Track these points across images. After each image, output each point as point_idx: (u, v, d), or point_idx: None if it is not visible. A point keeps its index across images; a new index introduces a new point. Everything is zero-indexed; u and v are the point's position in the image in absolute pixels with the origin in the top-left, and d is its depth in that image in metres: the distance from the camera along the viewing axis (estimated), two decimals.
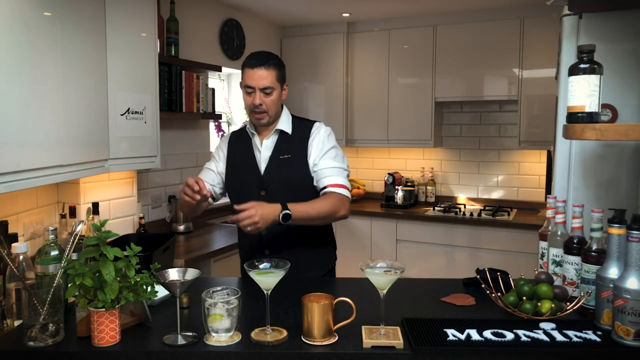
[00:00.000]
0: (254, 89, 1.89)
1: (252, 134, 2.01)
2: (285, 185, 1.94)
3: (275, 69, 1.91)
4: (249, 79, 1.89)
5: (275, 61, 1.93)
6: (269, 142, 1.98)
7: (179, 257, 2.73)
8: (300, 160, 1.96)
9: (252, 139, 2.01)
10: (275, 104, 1.93)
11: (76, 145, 2.13)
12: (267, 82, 1.88)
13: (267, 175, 1.96)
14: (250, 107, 1.92)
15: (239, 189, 2.01)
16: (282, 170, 1.95)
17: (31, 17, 1.83)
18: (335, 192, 1.90)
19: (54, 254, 1.46)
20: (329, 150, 1.96)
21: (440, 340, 1.31)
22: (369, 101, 4.45)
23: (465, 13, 4.04)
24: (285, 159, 1.96)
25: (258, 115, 1.92)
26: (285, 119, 2.01)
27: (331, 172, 1.93)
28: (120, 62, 2.43)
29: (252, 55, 1.93)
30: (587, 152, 1.98)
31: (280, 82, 1.94)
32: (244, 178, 1.99)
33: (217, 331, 1.33)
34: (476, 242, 3.86)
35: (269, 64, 1.89)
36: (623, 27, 1.91)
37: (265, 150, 1.98)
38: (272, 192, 1.93)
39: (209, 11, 3.79)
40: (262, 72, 1.87)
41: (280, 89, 1.95)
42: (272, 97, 1.91)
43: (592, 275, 1.47)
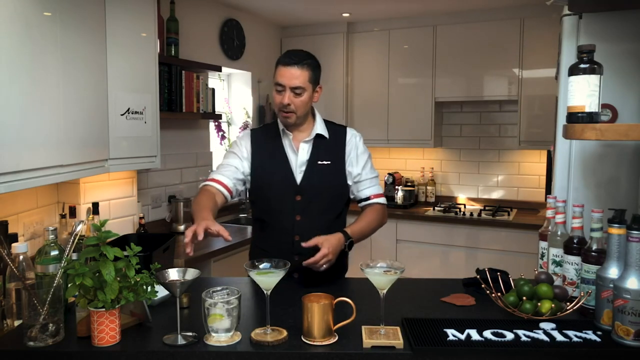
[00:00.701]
0: (284, 88, 1.83)
1: (285, 133, 1.94)
2: (322, 192, 1.91)
3: (309, 69, 1.85)
4: (280, 77, 1.83)
5: (311, 61, 1.87)
6: (307, 145, 1.93)
7: (179, 257, 2.73)
8: (338, 168, 1.93)
9: (283, 138, 1.95)
10: (305, 105, 1.88)
11: (76, 145, 2.12)
12: (299, 82, 1.82)
13: (305, 181, 1.90)
14: (278, 105, 1.86)
15: (271, 191, 1.93)
16: (320, 175, 1.91)
17: (31, 17, 1.83)
18: (379, 202, 1.99)
19: (54, 254, 1.46)
20: (367, 160, 1.99)
21: (440, 340, 1.31)
22: (369, 101, 4.45)
23: (465, 13, 4.04)
24: (323, 165, 1.92)
25: (285, 114, 1.86)
26: (320, 123, 1.97)
27: (372, 182, 1.99)
28: (120, 62, 2.43)
29: (287, 53, 1.87)
30: (587, 152, 1.98)
31: (313, 83, 1.88)
32: (278, 181, 1.92)
33: (217, 331, 1.33)
34: (476, 242, 3.86)
35: (303, 63, 1.83)
36: (623, 27, 1.91)
37: (303, 153, 1.92)
38: (308, 197, 1.90)
39: (209, 11, 3.79)
40: (294, 71, 1.82)
41: (312, 90, 1.89)
42: (302, 98, 1.85)
43: (592, 275, 1.47)
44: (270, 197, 1.93)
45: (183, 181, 3.59)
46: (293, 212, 1.90)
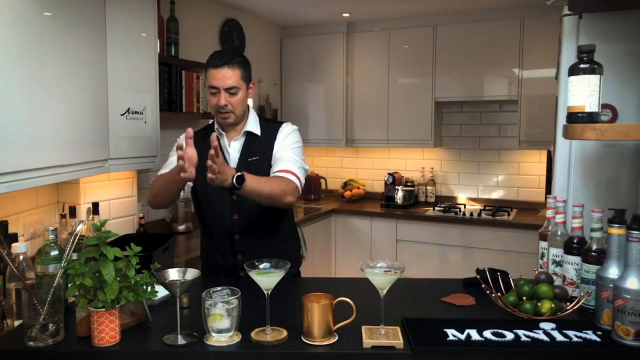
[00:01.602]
0: (218, 89, 1.84)
1: (220, 134, 1.95)
2: None
3: (239, 67, 1.86)
4: (212, 79, 1.84)
5: (240, 59, 1.88)
6: (237, 143, 1.95)
7: (179, 257, 2.73)
8: (268, 162, 1.93)
9: (220, 139, 1.95)
10: (241, 103, 1.89)
11: (76, 145, 2.12)
12: (232, 82, 1.83)
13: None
14: (215, 107, 1.87)
15: (211, 191, 1.90)
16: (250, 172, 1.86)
17: (31, 17, 1.83)
18: (284, 176, 1.84)
19: (54, 254, 1.46)
20: (290, 144, 1.94)
21: (440, 340, 1.31)
22: (369, 101, 4.45)
23: (465, 13, 4.04)
24: (253, 161, 1.93)
25: (223, 115, 1.88)
26: (253, 120, 1.97)
27: (286, 159, 1.89)
28: (120, 62, 2.43)
29: (215, 55, 1.88)
30: (587, 152, 1.98)
31: (246, 81, 1.89)
32: None
33: (217, 331, 1.33)
34: (476, 242, 3.86)
35: (233, 63, 1.84)
36: (623, 27, 1.91)
37: (234, 151, 1.94)
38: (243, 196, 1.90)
39: (209, 11, 3.79)
40: (225, 71, 1.82)
41: (246, 88, 1.91)
42: (237, 97, 1.86)
43: (592, 275, 1.47)
44: (208, 198, 1.95)
45: None
46: (230, 212, 1.92)
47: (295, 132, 1.99)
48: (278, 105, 4.64)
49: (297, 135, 2.00)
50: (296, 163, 1.90)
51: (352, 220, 4.26)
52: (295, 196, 1.86)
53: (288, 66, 4.68)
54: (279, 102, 4.66)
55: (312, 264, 3.94)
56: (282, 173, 1.85)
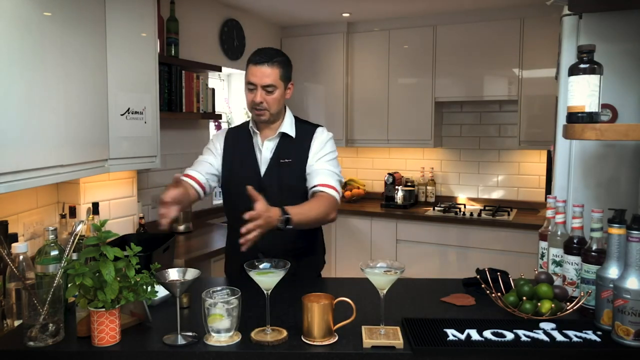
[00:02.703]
0: (255, 86, 1.85)
1: (254, 132, 1.97)
2: (283, 190, 1.92)
3: (279, 67, 1.86)
4: (251, 76, 1.85)
5: (281, 59, 1.89)
6: (271, 143, 1.95)
7: (179, 257, 2.73)
8: (300, 166, 1.93)
9: (254, 137, 1.98)
10: (277, 102, 1.90)
11: (76, 145, 2.13)
12: (270, 80, 1.84)
13: (266, 178, 1.93)
14: (250, 104, 1.89)
15: (237, 187, 1.94)
16: (281, 174, 1.92)
17: (31, 17, 1.83)
18: (325, 192, 1.84)
19: (54, 254, 1.46)
20: (326, 154, 1.93)
21: (440, 340, 1.31)
22: (369, 101, 4.45)
23: (465, 13, 4.04)
24: (285, 163, 1.93)
25: (258, 112, 1.89)
26: (289, 122, 1.98)
27: (324, 172, 1.89)
28: (120, 62, 2.43)
29: (257, 52, 1.89)
30: (587, 152, 1.98)
31: (284, 80, 1.90)
32: (244, 177, 1.94)
33: (217, 331, 1.33)
34: (476, 242, 3.86)
35: (274, 61, 1.85)
36: (623, 27, 1.91)
37: (266, 151, 1.95)
38: (270, 195, 1.87)
39: (209, 11, 3.79)
40: (265, 69, 1.84)
41: (284, 87, 1.91)
42: (274, 96, 1.87)
43: (592, 275, 1.47)
44: (236, 195, 1.95)
45: None
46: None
47: (331, 140, 1.99)
48: None
49: (333, 143, 1.99)
50: (334, 176, 1.90)
51: (352, 220, 4.26)
52: (336, 211, 1.89)
53: None
54: None
55: None
56: (322, 187, 1.85)
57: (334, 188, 1.87)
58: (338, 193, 1.89)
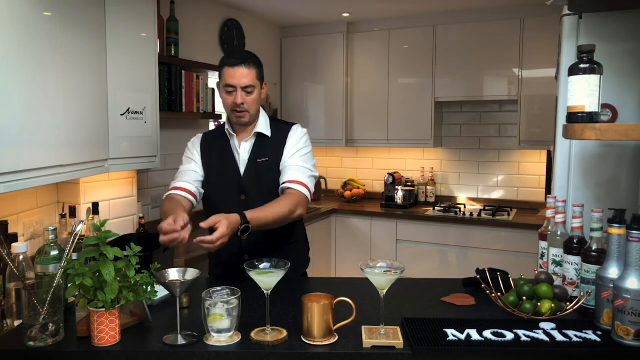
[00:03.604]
0: (235, 88, 1.86)
1: (230, 135, 1.97)
2: (264, 190, 1.92)
3: (255, 67, 1.88)
4: (229, 78, 1.85)
5: (255, 60, 1.91)
6: (248, 144, 1.96)
7: (179, 257, 2.73)
8: (277, 164, 1.94)
9: (231, 140, 1.98)
10: (256, 102, 1.91)
11: (76, 145, 2.12)
12: (248, 81, 1.86)
13: (246, 179, 1.94)
14: (231, 106, 1.89)
15: (219, 192, 1.97)
16: (260, 174, 1.93)
17: (31, 17, 1.83)
18: (293, 189, 1.86)
19: (54, 254, 1.46)
20: (299, 149, 1.94)
21: (440, 340, 1.31)
22: (369, 101, 4.45)
23: (465, 13, 4.04)
24: (262, 162, 1.94)
25: (239, 114, 1.89)
26: (264, 122, 1.98)
27: (294, 169, 1.90)
28: (120, 62, 2.43)
29: (230, 54, 1.92)
30: (587, 152, 1.98)
31: (260, 80, 1.92)
32: (225, 181, 1.96)
33: (217, 331, 1.33)
34: (476, 242, 3.86)
35: (249, 62, 1.87)
36: (623, 27, 1.91)
37: (244, 152, 1.95)
38: (251, 196, 1.92)
39: (209, 11, 3.79)
40: (243, 70, 1.85)
41: (260, 87, 1.93)
42: (253, 96, 1.89)
43: (592, 275, 1.47)
44: (218, 198, 1.96)
45: None
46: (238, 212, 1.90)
47: (305, 136, 2.00)
48: (278, 105, 4.64)
49: (307, 139, 2.00)
50: (305, 172, 1.91)
51: (352, 220, 4.26)
52: (304, 207, 1.88)
53: (288, 66, 4.68)
54: (279, 102, 4.65)
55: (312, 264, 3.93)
56: (290, 184, 1.87)
57: (302, 184, 1.87)
58: (307, 188, 1.89)
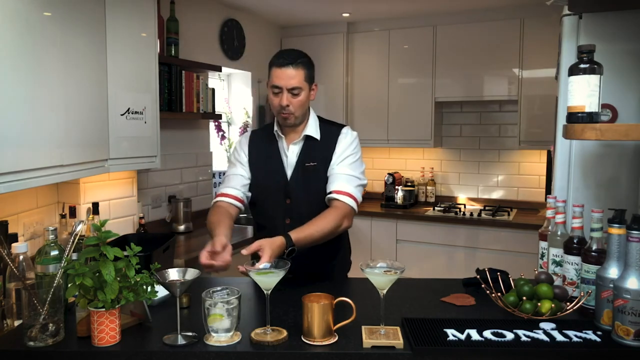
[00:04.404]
0: (281, 89, 1.81)
1: (279, 136, 1.93)
2: (310, 194, 1.88)
3: (304, 68, 1.82)
4: (276, 79, 1.80)
5: (305, 60, 1.84)
6: (296, 147, 1.91)
7: (179, 257, 2.73)
8: (326, 169, 1.89)
9: (279, 141, 1.93)
10: (303, 105, 1.85)
11: (76, 145, 2.12)
12: (295, 82, 1.80)
13: (292, 183, 1.89)
14: (277, 107, 1.84)
15: (265, 194, 1.93)
16: (307, 178, 1.88)
17: (31, 17, 1.83)
18: (339, 200, 1.82)
19: (54, 254, 1.46)
20: (348, 156, 1.89)
21: (440, 340, 1.31)
22: (369, 101, 4.45)
23: (465, 13, 4.04)
24: (310, 166, 1.89)
25: (285, 115, 1.84)
26: (313, 124, 1.92)
27: (342, 178, 1.85)
28: (120, 62, 2.43)
29: (280, 54, 1.85)
30: (587, 152, 1.98)
31: (309, 82, 1.85)
32: (271, 183, 1.92)
33: (217, 331, 1.33)
34: (476, 242, 3.86)
35: (298, 63, 1.80)
36: (623, 27, 1.91)
37: (292, 155, 1.91)
38: (297, 201, 1.88)
39: (209, 11, 3.79)
40: (290, 71, 1.79)
41: (309, 89, 1.86)
42: (299, 98, 1.82)
43: (592, 275, 1.47)
44: (264, 200, 1.93)
45: (183, 181, 3.59)
46: (283, 216, 1.89)
47: (355, 140, 1.94)
48: None
49: (357, 144, 1.94)
50: (353, 181, 1.86)
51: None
52: (350, 219, 1.86)
53: None
54: None
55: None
56: (337, 195, 1.82)
57: (348, 194, 1.83)
58: (354, 199, 1.85)
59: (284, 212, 1.89)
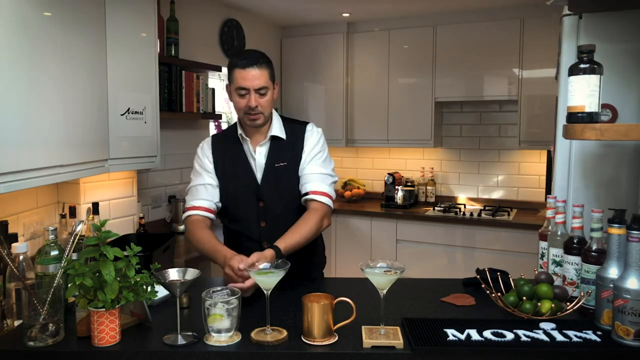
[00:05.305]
0: (248, 90, 1.79)
1: (243, 139, 1.90)
2: (282, 196, 1.88)
3: (267, 67, 1.81)
4: (242, 80, 1.78)
5: (266, 59, 1.83)
6: (263, 149, 1.89)
7: (179, 257, 2.73)
8: (296, 168, 1.89)
9: (244, 144, 1.91)
10: (271, 104, 1.85)
11: (76, 145, 2.12)
12: (261, 82, 1.78)
13: (263, 186, 1.88)
14: (244, 109, 1.82)
15: (236, 199, 1.91)
16: (278, 179, 1.88)
17: (31, 17, 1.83)
18: (317, 201, 1.83)
19: (54, 254, 1.46)
20: (317, 154, 1.89)
21: (440, 340, 1.31)
22: (369, 101, 4.45)
23: (465, 13, 4.04)
24: (280, 167, 1.88)
25: (253, 117, 1.82)
26: (277, 124, 1.92)
27: (315, 178, 1.85)
28: (120, 62, 2.43)
29: (241, 55, 1.82)
30: (587, 152, 1.98)
31: (272, 80, 1.84)
32: (242, 188, 1.89)
33: (217, 331, 1.33)
34: (476, 242, 3.86)
35: (261, 63, 1.79)
36: (623, 27, 1.91)
37: (260, 157, 1.89)
38: (270, 203, 1.87)
39: (209, 11, 3.79)
40: (255, 71, 1.77)
41: (273, 88, 1.85)
42: (267, 98, 1.82)
43: (592, 275, 1.47)
44: (236, 206, 1.91)
45: (183, 181, 3.59)
46: (257, 219, 1.89)
47: (322, 137, 1.95)
48: (278, 105, 4.63)
49: (324, 141, 1.95)
50: (326, 179, 1.87)
51: (352, 220, 4.26)
52: (329, 217, 1.87)
53: (288, 66, 4.68)
54: (279, 102, 4.65)
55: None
56: (313, 195, 1.83)
57: (324, 194, 1.85)
58: (330, 198, 1.87)
59: (257, 216, 1.88)
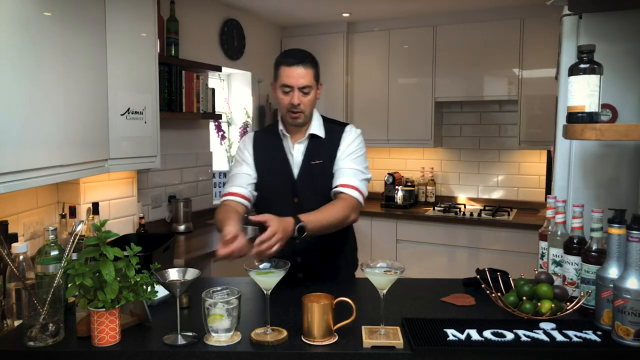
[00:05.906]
0: (292, 88, 1.82)
1: (284, 135, 1.93)
2: (317, 193, 1.88)
3: (312, 67, 1.85)
4: (286, 78, 1.81)
5: (312, 59, 1.87)
6: (301, 146, 1.92)
7: (179, 257, 2.73)
8: (332, 166, 1.90)
9: (284, 140, 1.94)
10: (312, 103, 1.88)
11: (76, 145, 2.12)
12: (306, 81, 1.82)
13: (299, 181, 1.89)
14: (287, 106, 1.84)
15: (272, 194, 1.92)
16: (314, 176, 1.89)
17: (31, 17, 1.83)
18: (345, 193, 1.82)
19: (54, 254, 1.46)
20: (352, 152, 1.90)
21: (440, 340, 1.31)
22: (369, 101, 4.45)
23: (465, 13, 4.04)
24: (316, 164, 1.89)
25: (295, 115, 1.85)
26: (317, 122, 1.94)
27: (347, 172, 1.86)
28: (120, 62, 2.43)
29: (287, 54, 1.86)
30: (587, 152, 1.98)
31: (317, 80, 1.89)
32: (278, 183, 1.91)
33: (217, 331, 1.33)
34: (476, 242, 3.86)
35: (306, 61, 1.83)
36: (623, 27, 1.91)
37: (297, 154, 1.91)
38: (304, 199, 1.88)
39: (209, 11, 3.79)
40: (300, 70, 1.81)
41: (316, 88, 1.89)
42: (309, 97, 1.85)
43: (592, 275, 1.47)
44: (271, 200, 1.93)
45: (183, 181, 3.59)
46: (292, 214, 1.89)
47: (359, 137, 1.95)
48: None
49: (361, 140, 1.96)
50: (358, 175, 1.87)
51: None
52: (357, 212, 1.86)
53: None
54: None
55: None
56: (342, 188, 1.82)
57: (355, 188, 1.83)
58: (360, 192, 1.85)
59: (292, 211, 1.88)
